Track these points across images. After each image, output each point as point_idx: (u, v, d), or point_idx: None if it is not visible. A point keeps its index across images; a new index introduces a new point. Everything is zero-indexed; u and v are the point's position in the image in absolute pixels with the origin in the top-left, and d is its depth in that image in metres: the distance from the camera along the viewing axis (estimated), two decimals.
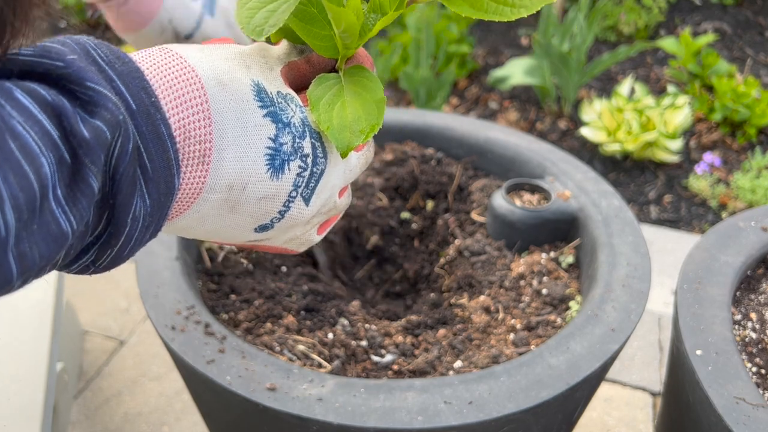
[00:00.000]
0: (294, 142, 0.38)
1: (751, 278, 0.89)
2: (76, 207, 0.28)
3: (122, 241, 0.32)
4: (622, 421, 1.31)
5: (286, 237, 0.43)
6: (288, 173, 0.38)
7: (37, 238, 0.27)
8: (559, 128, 2.31)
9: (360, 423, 0.62)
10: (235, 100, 0.36)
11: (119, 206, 0.31)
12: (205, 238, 0.42)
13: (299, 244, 0.46)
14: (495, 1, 0.41)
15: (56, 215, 0.28)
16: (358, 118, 0.41)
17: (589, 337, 0.72)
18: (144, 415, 1.27)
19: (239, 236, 0.41)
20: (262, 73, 0.39)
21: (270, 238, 0.42)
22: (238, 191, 0.37)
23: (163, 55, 0.35)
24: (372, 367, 0.73)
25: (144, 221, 0.33)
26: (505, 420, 0.64)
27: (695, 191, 2.02)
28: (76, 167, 0.28)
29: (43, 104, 0.28)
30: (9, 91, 0.27)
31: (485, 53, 2.74)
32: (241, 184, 0.36)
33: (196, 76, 0.35)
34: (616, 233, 0.86)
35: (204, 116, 0.35)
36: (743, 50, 2.73)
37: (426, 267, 0.96)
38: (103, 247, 0.33)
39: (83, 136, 0.28)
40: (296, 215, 0.40)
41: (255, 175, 0.37)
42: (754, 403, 0.68)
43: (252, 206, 0.38)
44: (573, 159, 1.02)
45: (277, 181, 0.38)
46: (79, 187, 0.29)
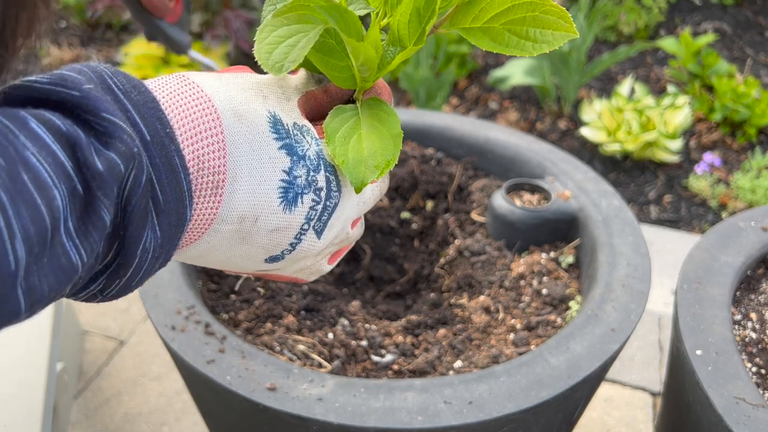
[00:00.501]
0: (308, 176, 0.38)
1: (751, 278, 0.89)
2: (87, 240, 0.28)
3: (131, 272, 0.32)
4: (622, 421, 1.31)
5: (297, 267, 0.43)
6: (301, 207, 0.38)
7: (47, 271, 0.27)
8: (559, 128, 2.31)
9: (360, 423, 0.62)
10: (251, 132, 0.36)
11: (130, 238, 0.31)
12: (215, 267, 0.41)
13: (309, 274, 0.45)
14: (517, 36, 0.41)
15: (67, 248, 0.27)
16: (374, 152, 0.40)
17: (589, 337, 0.72)
18: (144, 415, 1.27)
19: (249, 266, 0.40)
20: (279, 103, 0.39)
21: (280, 268, 0.42)
22: (250, 223, 0.36)
23: (179, 83, 0.35)
24: (372, 367, 0.73)
25: (154, 253, 0.32)
26: (505, 420, 0.64)
27: (695, 191, 2.02)
28: (88, 199, 0.28)
29: (57, 134, 0.27)
30: (24, 121, 0.27)
31: (485, 53, 2.74)
32: (253, 216, 0.36)
33: (212, 106, 0.35)
34: (616, 233, 0.86)
35: (219, 147, 0.34)
36: (743, 50, 2.73)
37: (426, 267, 0.96)
38: (111, 277, 0.32)
39: (97, 169, 0.28)
40: (307, 248, 0.40)
41: (267, 208, 0.36)
42: (754, 403, 0.68)
43: (263, 238, 0.37)
44: (573, 159, 1.02)
45: (289, 214, 0.37)
46: (91, 219, 0.28)
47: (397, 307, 0.88)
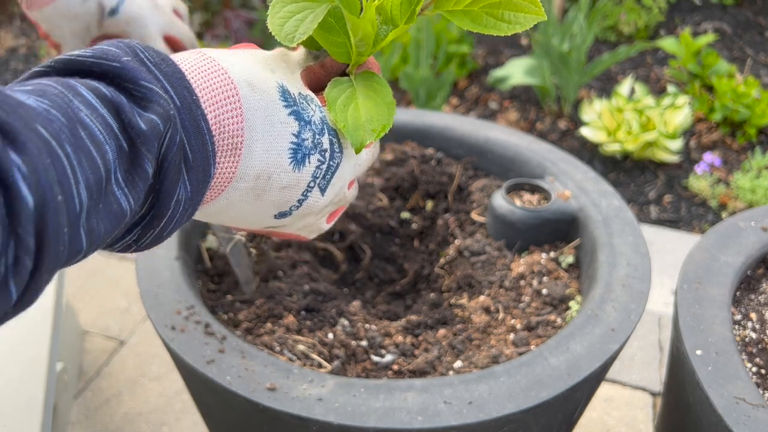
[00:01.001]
0: (314, 138, 0.42)
1: (751, 278, 0.89)
2: (134, 189, 0.33)
3: (164, 223, 0.36)
4: (622, 421, 1.31)
5: (301, 224, 0.47)
6: (308, 166, 0.42)
7: (102, 215, 0.31)
8: (559, 128, 2.31)
9: (360, 423, 0.62)
10: (264, 100, 0.40)
11: (164, 192, 0.35)
12: (228, 224, 0.45)
13: (310, 232, 0.50)
14: (493, 17, 0.46)
15: (117, 196, 0.32)
16: (370, 118, 0.45)
17: (589, 337, 0.72)
18: (144, 415, 1.27)
19: (259, 222, 0.44)
20: (285, 75, 0.43)
21: (286, 225, 0.46)
22: (264, 181, 0.41)
23: (199, 58, 0.39)
24: (372, 367, 0.73)
25: (184, 205, 0.37)
26: (505, 420, 0.64)
27: (695, 191, 2.02)
28: (133, 155, 0.32)
29: (104, 100, 0.32)
30: (75, 88, 0.31)
31: (485, 53, 2.74)
32: (267, 174, 0.41)
33: (229, 77, 0.39)
34: (616, 233, 0.86)
35: (237, 113, 0.38)
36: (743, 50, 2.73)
37: (426, 267, 0.96)
38: (145, 228, 0.36)
39: (140, 128, 0.32)
40: (312, 204, 0.45)
41: (279, 167, 0.41)
42: (754, 403, 0.68)
43: (274, 195, 0.42)
44: (573, 159, 1.02)
45: (298, 172, 0.42)
46: (137, 171, 0.33)
47: (397, 307, 0.88)
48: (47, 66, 0.34)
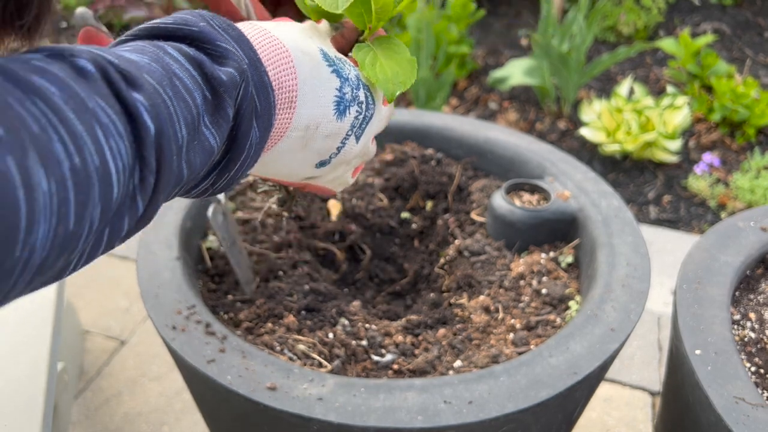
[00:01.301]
0: (352, 92, 0.48)
1: (750, 278, 0.90)
2: (219, 129, 0.39)
3: (238, 165, 0.42)
4: (621, 420, 1.31)
5: (332, 176, 0.53)
6: (348, 116, 0.48)
7: (197, 150, 0.38)
8: (559, 128, 2.31)
9: (360, 422, 0.62)
10: (311, 61, 0.46)
11: (241, 135, 0.41)
12: (274, 175, 0.50)
13: (339, 184, 0.56)
14: None
15: (207, 135, 0.38)
16: (396, 73, 0.52)
17: (589, 337, 0.72)
18: (144, 415, 1.27)
19: (301, 172, 0.50)
20: (321, 41, 0.50)
21: (321, 175, 0.52)
22: (312, 130, 0.47)
23: (254, 28, 0.45)
24: (372, 366, 0.73)
25: (255, 149, 0.43)
26: (505, 419, 0.64)
27: (694, 191, 2.02)
28: (216, 101, 0.39)
29: (188, 57, 0.38)
30: (164, 48, 0.38)
31: (485, 54, 2.75)
32: (316, 124, 0.47)
33: (281, 43, 0.45)
34: (616, 233, 0.87)
35: (291, 72, 0.45)
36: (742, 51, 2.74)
37: (426, 267, 0.97)
38: (221, 172, 0.42)
39: (221, 78, 0.39)
40: (348, 151, 0.50)
41: (325, 118, 0.47)
42: (753, 403, 0.68)
43: (319, 143, 0.48)
44: (572, 159, 1.02)
45: (340, 122, 0.48)
46: (221, 114, 0.39)
47: (397, 307, 0.88)
48: (134, 33, 0.40)
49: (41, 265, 0.30)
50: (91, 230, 0.32)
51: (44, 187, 0.28)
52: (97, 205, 0.32)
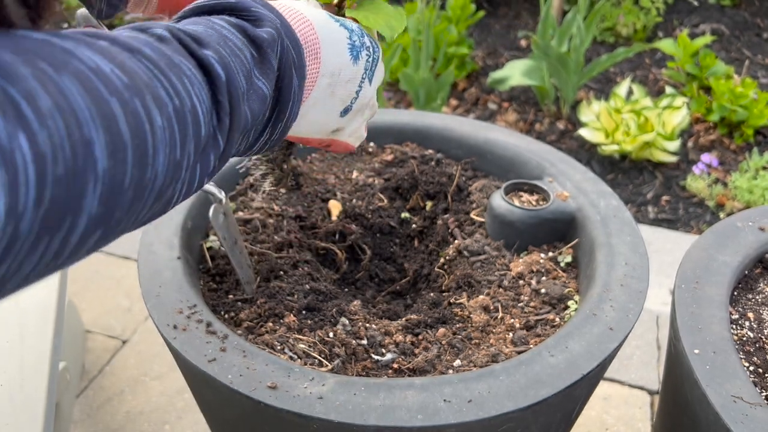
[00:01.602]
0: (360, 39, 0.56)
1: (748, 278, 0.90)
2: (268, 79, 0.46)
3: (287, 115, 0.49)
4: (620, 419, 1.31)
5: (352, 127, 0.60)
6: (361, 60, 0.56)
7: (254, 97, 0.45)
8: (558, 129, 2.32)
9: (360, 421, 0.63)
10: (322, 20, 0.54)
11: (285, 85, 0.48)
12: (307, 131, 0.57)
13: (356, 139, 0.63)
14: None
15: (259, 84, 0.45)
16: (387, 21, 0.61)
17: (588, 336, 0.73)
18: (146, 414, 1.28)
19: (330, 121, 0.57)
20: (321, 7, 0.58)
21: (344, 126, 0.59)
22: (336, 76, 0.54)
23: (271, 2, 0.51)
24: (372, 365, 0.74)
25: (296, 97, 0.49)
26: (504, 418, 0.65)
27: (693, 191, 2.03)
28: (261, 56, 0.45)
29: (231, 24, 0.45)
30: (211, 19, 0.45)
31: (484, 55, 2.75)
32: (339, 70, 0.54)
33: (297, 9, 0.53)
34: (615, 233, 0.87)
35: (312, 30, 0.52)
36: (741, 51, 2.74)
37: (426, 267, 0.97)
38: (275, 124, 0.49)
39: (262, 37, 0.46)
40: (364, 94, 0.58)
41: (345, 63, 0.54)
42: (751, 402, 0.68)
43: (342, 88, 0.55)
44: (571, 160, 1.02)
45: (355, 66, 0.55)
46: (267, 66, 0.46)
47: (397, 307, 0.89)
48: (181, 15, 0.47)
49: (160, 190, 0.37)
50: (189, 162, 0.39)
51: (159, 123, 0.36)
52: (191, 140, 0.39)
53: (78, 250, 0.34)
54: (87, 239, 0.33)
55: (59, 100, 0.30)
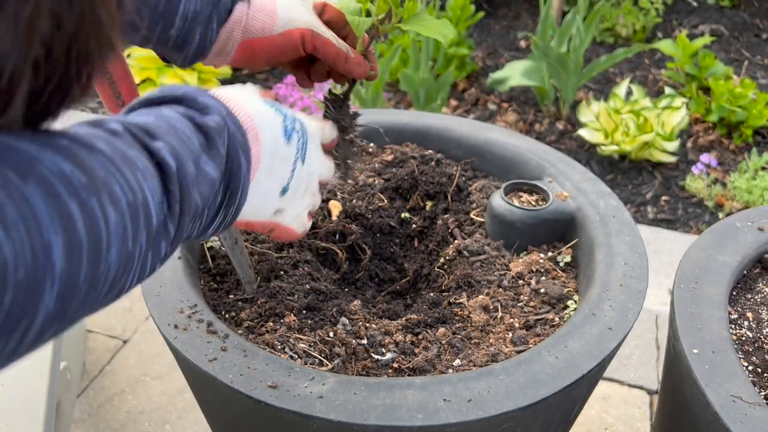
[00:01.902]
0: (292, 123, 0.60)
1: (747, 278, 0.90)
2: (216, 163, 0.48)
3: (239, 195, 0.52)
4: (619, 419, 1.31)
5: (293, 211, 0.62)
6: (293, 141, 0.59)
7: (203, 182, 0.47)
8: (557, 129, 2.32)
9: (360, 420, 0.63)
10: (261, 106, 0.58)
11: (235, 169, 0.51)
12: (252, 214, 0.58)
13: (299, 225, 0.65)
14: None
15: (207, 169, 0.47)
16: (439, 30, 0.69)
17: (587, 336, 0.73)
18: (146, 414, 1.28)
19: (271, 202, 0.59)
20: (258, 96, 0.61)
21: (285, 207, 0.61)
22: (274, 156, 0.57)
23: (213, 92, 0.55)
24: (372, 365, 0.74)
25: (246, 178, 0.52)
26: (504, 417, 0.65)
27: (692, 192, 2.03)
28: (209, 143, 0.48)
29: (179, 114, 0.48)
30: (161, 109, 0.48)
31: (484, 55, 2.75)
32: (275, 150, 0.57)
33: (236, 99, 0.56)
34: (614, 233, 0.87)
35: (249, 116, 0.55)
36: (740, 52, 2.75)
37: (426, 267, 0.97)
38: (227, 207, 0.51)
39: (210, 125, 0.49)
40: (299, 174, 0.60)
41: (280, 144, 0.58)
42: (750, 402, 0.69)
43: (279, 167, 0.58)
44: (571, 160, 1.03)
45: (289, 146, 0.59)
46: (215, 151, 0.49)
47: (397, 307, 0.89)
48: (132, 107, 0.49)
49: (113, 281, 0.39)
50: (141, 252, 0.41)
51: (113, 218, 0.38)
52: (143, 231, 0.41)
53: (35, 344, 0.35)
54: (43, 334, 0.35)
55: (24, 209, 0.32)
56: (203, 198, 0.47)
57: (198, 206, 0.47)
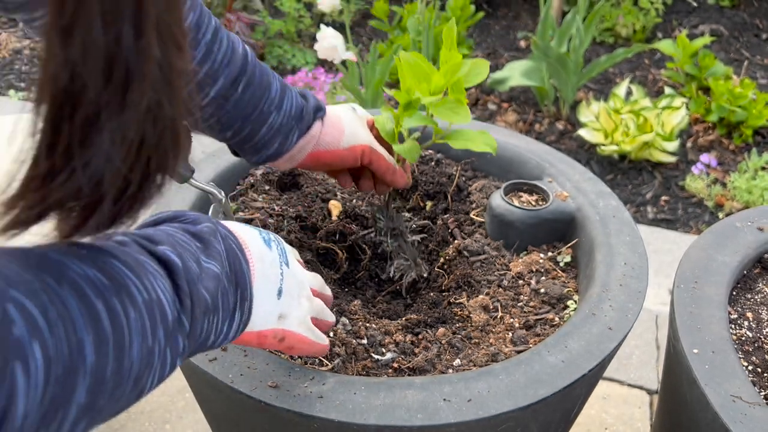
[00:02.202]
0: (267, 236, 0.64)
1: (747, 278, 0.90)
2: (215, 260, 0.52)
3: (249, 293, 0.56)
4: (619, 419, 1.31)
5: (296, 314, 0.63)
6: (273, 247, 0.63)
7: (206, 278, 0.50)
8: (557, 129, 2.32)
9: (360, 420, 0.63)
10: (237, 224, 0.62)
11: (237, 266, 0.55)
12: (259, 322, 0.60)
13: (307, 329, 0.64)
14: None
15: (208, 266, 0.51)
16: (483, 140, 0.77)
17: (587, 336, 0.73)
18: (147, 413, 1.28)
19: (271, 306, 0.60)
20: None
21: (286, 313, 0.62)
22: (263, 261, 0.60)
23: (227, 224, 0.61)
24: (372, 365, 0.74)
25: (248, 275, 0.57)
26: (504, 417, 0.65)
27: (692, 192, 2.03)
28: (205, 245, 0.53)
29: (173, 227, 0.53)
30: (155, 226, 0.53)
31: (484, 55, 2.75)
32: (261, 256, 0.60)
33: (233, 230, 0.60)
34: (614, 233, 0.87)
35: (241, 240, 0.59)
36: (740, 52, 2.75)
37: (425, 267, 0.97)
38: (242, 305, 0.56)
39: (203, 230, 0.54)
40: (287, 276, 0.63)
41: (264, 250, 0.61)
42: (750, 402, 0.69)
43: (269, 270, 0.60)
44: (571, 160, 1.03)
45: (271, 251, 0.62)
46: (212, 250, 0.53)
47: (397, 307, 0.89)
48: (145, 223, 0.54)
49: (137, 376, 0.42)
50: (160, 348, 0.44)
51: (133, 316, 0.41)
52: (160, 327, 0.44)
53: None
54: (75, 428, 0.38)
55: (61, 310, 0.36)
56: (211, 293, 0.50)
57: (207, 301, 0.50)
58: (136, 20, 0.34)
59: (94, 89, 0.34)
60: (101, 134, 0.35)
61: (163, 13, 0.36)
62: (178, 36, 0.38)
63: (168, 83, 0.38)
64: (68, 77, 0.33)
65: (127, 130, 0.36)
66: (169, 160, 0.40)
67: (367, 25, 3.01)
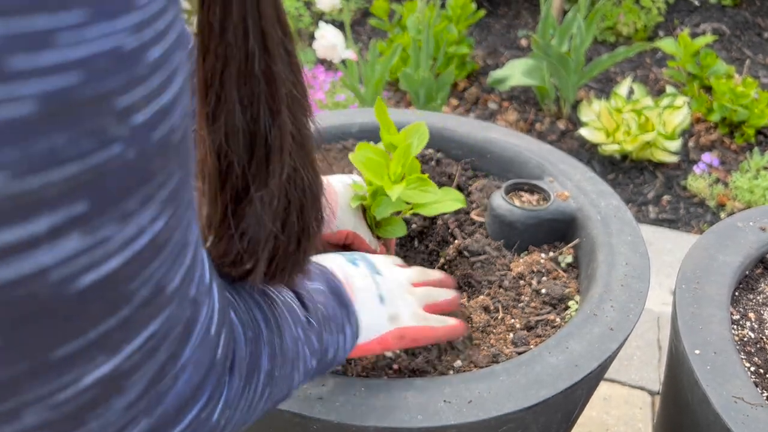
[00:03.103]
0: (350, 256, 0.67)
1: (749, 278, 0.90)
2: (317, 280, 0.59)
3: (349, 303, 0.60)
4: (621, 420, 1.31)
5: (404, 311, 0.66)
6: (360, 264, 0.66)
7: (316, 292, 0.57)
8: (558, 129, 2.32)
9: (360, 422, 0.62)
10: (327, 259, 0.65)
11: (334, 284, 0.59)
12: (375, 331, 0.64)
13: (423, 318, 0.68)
14: None
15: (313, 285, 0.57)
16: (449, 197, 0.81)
17: (588, 337, 0.72)
18: None
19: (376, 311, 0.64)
20: None
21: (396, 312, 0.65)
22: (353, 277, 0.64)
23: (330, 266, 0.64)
24: (372, 366, 0.73)
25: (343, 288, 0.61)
26: (505, 419, 0.64)
27: (694, 191, 2.03)
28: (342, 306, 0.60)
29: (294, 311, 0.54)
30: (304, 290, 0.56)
31: (484, 54, 2.75)
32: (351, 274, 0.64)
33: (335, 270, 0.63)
34: (615, 233, 0.87)
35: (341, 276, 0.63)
36: (742, 51, 2.74)
37: (426, 267, 0.97)
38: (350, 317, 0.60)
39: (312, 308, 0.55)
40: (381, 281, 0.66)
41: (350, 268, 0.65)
42: (752, 403, 0.68)
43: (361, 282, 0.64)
44: (572, 159, 1.02)
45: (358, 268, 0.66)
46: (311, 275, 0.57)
47: None
48: None
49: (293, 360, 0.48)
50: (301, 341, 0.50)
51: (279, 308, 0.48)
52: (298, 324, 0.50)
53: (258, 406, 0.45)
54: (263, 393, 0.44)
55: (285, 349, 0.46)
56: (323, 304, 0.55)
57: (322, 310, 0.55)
58: (269, 100, 0.38)
59: (240, 165, 0.38)
60: (252, 204, 0.39)
61: (292, 89, 0.39)
62: (305, 106, 0.42)
63: (301, 148, 0.42)
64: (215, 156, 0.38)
65: (273, 198, 0.40)
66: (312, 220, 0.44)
67: (366, 23, 3.00)
